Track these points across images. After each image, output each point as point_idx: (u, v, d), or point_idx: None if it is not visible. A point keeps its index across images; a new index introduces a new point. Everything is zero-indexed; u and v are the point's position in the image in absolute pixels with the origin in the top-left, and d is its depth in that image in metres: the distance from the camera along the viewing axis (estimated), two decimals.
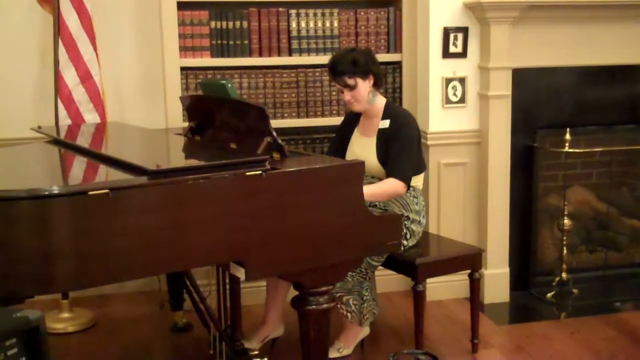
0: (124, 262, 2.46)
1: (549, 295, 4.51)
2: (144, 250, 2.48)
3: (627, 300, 4.47)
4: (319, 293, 2.91)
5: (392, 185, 3.51)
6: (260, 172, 2.64)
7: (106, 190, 2.37)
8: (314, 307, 2.91)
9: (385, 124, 3.65)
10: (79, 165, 3.04)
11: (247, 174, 2.62)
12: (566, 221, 4.51)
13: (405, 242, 3.62)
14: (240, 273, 2.71)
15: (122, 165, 2.69)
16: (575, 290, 4.54)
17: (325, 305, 2.93)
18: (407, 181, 3.54)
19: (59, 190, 2.35)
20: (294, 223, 2.73)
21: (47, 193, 2.32)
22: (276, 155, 2.94)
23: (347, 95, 3.64)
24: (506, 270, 4.46)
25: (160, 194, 2.48)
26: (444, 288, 4.42)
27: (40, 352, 2.29)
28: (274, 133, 2.92)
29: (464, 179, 4.41)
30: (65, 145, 3.37)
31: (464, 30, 4.26)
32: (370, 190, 3.42)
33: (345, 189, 2.86)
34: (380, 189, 3.49)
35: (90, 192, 2.35)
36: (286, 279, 3.00)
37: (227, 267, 2.88)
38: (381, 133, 3.65)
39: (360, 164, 2.96)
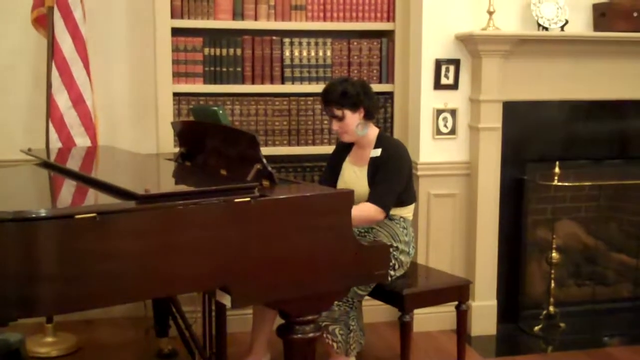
0: (110, 286, 2.43)
1: (536, 328, 4.49)
2: (131, 275, 2.45)
3: (614, 335, 4.46)
4: (305, 322, 2.88)
5: (367, 210, 3.50)
6: (248, 199, 2.64)
7: (93, 214, 2.36)
8: (299, 336, 2.88)
9: (377, 152, 3.66)
10: (67, 188, 3.02)
11: (236, 200, 2.62)
12: (554, 254, 4.51)
13: (392, 273, 3.61)
14: (226, 300, 2.70)
15: (110, 189, 2.68)
16: (562, 325, 4.53)
17: (310, 335, 2.90)
18: (384, 208, 3.53)
19: (46, 213, 2.33)
20: (281, 251, 2.72)
21: (33, 216, 2.31)
22: (266, 183, 2.93)
23: (335, 125, 3.66)
24: (494, 302, 4.45)
25: (148, 219, 2.47)
26: (432, 319, 4.41)
27: None
28: (264, 160, 2.91)
29: (453, 210, 4.41)
30: (55, 168, 3.36)
31: (456, 62, 4.29)
32: None
33: (334, 218, 2.85)
34: (354, 212, 3.45)
35: (77, 216, 2.34)
36: (272, 307, 2.99)
37: (213, 294, 2.86)
38: (372, 162, 3.66)
39: (350, 193, 2.96)
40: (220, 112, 3.17)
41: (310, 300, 2.87)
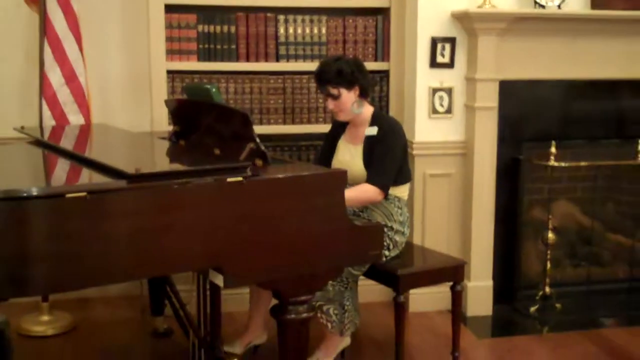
0: (101, 266, 2.42)
1: (532, 309, 4.48)
2: (122, 255, 2.44)
3: (609, 316, 4.46)
4: (298, 302, 2.88)
5: (367, 191, 3.48)
6: (241, 178, 2.62)
7: (84, 194, 2.33)
8: (293, 316, 2.88)
9: (373, 130, 3.63)
10: (59, 167, 3.00)
11: (228, 180, 2.59)
12: (550, 235, 4.49)
13: (387, 253, 3.59)
14: (219, 280, 2.68)
15: (102, 168, 2.66)
16: (558, 305, 4.52)
17: (304, 315, 2.90)
18: (384, 189, 3.51)
19: (36, 192, 2.31)
20: (274, 231, 2.71)
21: (24, 194, 2.29)
22: (259, 162, 2.91)
23: (330, 104, 3.62)
24: (490, 283, 4.45)
25: (138, 198, 2.45)
26: (428, 299, 4.40)
27: (4, 356, 2.24)
28: (257, 139, 2.89)
29: (449, 190, 4.39)
30: (47, 147, 3.33)
31: (452, 41, 4.25)
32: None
33: (327, 198, 2.83)
34: (354, 194, 3.44)
35: (68, 195, 2.32)
36: (265, 288, 2.98)
37: (207, 274, 2.85)
38: (368, 140, 3.63)
39: (343, 173, 2.94)
40: (214, 90, 3.14)
41: (304, 281, 2.86)
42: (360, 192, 3.47)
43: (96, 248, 2.40)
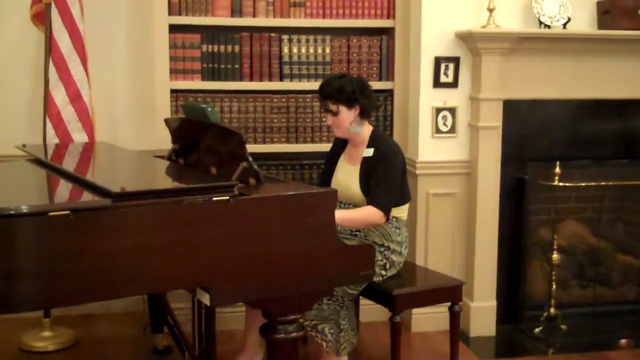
0: (86, 284, 2.43)
1: (537, 330, 4.44)
2: (107, 273, 2.45)
3: (616, 338, 4.39)
4: (287, 322, 2.87)
5: (370, 213, 3.48)
6: (227, 198, 2.63)
7: (67, 212, 2.36)
8: (282, 335, 2.87)
9: (369, 152, 3.64)
10: (51, 185, 3.03)
11: (214, 199, 2.61)
12: (555, 255, 4.45)
13: (384, 272, 3.59)
14: (205, 299, 2.69)
15: (91, 186, 2.68)
16: (563, 327, 4.47)
17: (293, 334, 2.89)
18: (386, 211, 3.51)
19: (19, 210, 2.33)
20: (261, 250, 2.70)
21: (7, 213, 2.31)
22: (252, 181, 2.92)
23: (329, 120, 3.64)
24: (493, 303, 4.41)
25: (122, 217, 2.46)
26: (431, 319, 4.37)
27: None
28: (250, 158, 2.90)
29: (452, 209, 4.37)
30: (45, 165, 3.37)
31: (455, 60, 4.24)
32: (347, 215, 3.42)
33: (316, 217, 2.82)
34: (357, 215, 3.46)
35: (51, 214, 2.34)
36: (254, 307, 2.97)
37: (194, 292, 2.86)
38: (365, 161, 3.64)
39: (333, 192, 2.94)
40: (209, 109, 3.17)
41: (292, 300, 2.85)
42: (364, 215, 3.48)
43: (82, 266, 2.41)
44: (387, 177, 3.56)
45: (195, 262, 2.59)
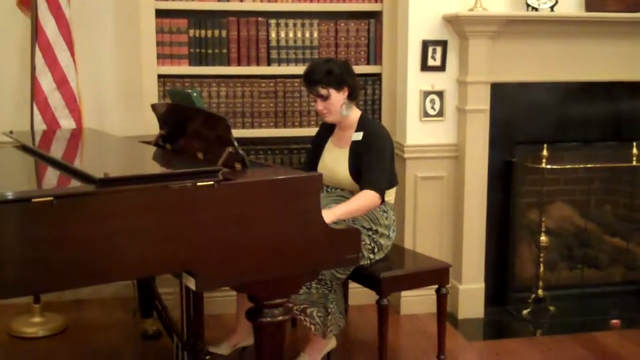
0: (70, 270, 2.44)
1: (525, 312, 4.47)
2: (91, 259, 2.46)
3: (603, 319, 4.41)
4: (273, 305, 2.88)
5: (368, 197, 3.48)
6: (212, 182, 2.63)
7: (50, 198, 2.36)
8: (268, 319, 2.89)
9: (359, 136, 3.64)
10: (36, 171, 3.03)
11: (198, 184, 2.61)
12: (543, 238, 4.47)
13: (372, 256, 3.60)
14: (191, 283, 2.70)
15: (75, 173, 2.69)
16: (551, 308, 4.50)
17: (280, 318, 2.90)
18: (382, 193, 3.52)
19: (3, 196, 2.33)
20: (246, 235, 2.71)
21: None
22: (238, 166, 2.93)
23: (319, 105, 3.64)
24: (481, 285, 4.43)
25: (106, 202, 2.47)
26: (420, 302, 4.40)
27: None
28: (236, 143, 2.91)
29: (440, 193, 4.38)
30: (31, 151, 3.37)
31: (443, 44, 4.24)
32: (346, 208, 3.40)
33: (301, 202, 2.83)
34: (357, 203, 3.45)
35: (34, 200, 2.35)
36: (240, 291, 2.99)
37: (180, 277, 2.87)
38: (354, 145, 3.64)
39: (318, 177, 2.95)
40: (194, 94, 3.16)
41: (278, 284, 2.87)
42: (362, 201, 3.47)
43: (66, 252, 2.42)
44: (379, 160, 3.56)
45: (180, 247, 2.60)
